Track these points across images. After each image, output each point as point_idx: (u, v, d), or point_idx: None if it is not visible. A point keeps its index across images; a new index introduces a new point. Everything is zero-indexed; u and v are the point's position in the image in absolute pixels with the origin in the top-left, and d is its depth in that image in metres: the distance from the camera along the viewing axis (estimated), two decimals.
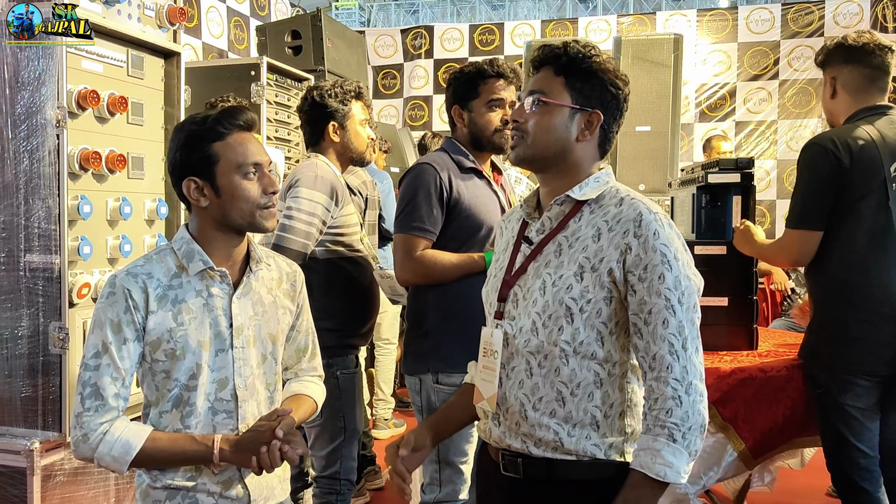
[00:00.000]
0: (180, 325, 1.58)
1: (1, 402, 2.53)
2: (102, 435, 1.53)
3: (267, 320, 1.70)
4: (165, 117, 3.00)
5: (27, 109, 2.47)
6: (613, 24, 7.64)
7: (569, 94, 1.51)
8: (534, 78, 1.57)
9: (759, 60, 7.50)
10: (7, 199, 2.49)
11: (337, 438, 2.68)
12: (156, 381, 1.61)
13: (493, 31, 8.03)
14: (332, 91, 2.82)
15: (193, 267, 1.61)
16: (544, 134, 1.51)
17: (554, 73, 1.53)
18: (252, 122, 1.66)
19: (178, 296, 1.60)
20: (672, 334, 1.40)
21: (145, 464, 1.57)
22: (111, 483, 2.72)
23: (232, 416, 1.63)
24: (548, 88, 1.52)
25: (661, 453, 1.37)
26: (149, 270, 1.61)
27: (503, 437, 1.53)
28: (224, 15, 5.78)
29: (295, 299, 1.80)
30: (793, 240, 2.40)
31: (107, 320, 1.56)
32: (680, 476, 1.38)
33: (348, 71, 5.31)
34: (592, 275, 1.44)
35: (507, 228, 1.69)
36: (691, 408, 1.39)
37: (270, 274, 1.75)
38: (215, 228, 1.64)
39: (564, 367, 1.45)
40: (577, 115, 1.51)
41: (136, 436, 1.54)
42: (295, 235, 2.56)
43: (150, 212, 2.91)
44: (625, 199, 1.49)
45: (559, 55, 1.52)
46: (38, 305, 2.49)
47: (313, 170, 2.68)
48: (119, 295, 1.57)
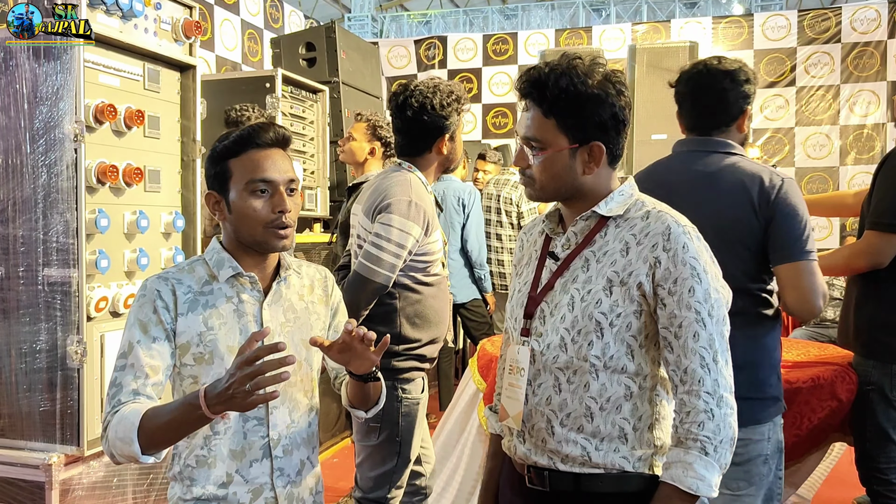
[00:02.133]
0: (210, 330, 1.57)
1: (20, 417, 2.54)
2: (111, 421, 1.48)
3: (300, 326, 1.68)
4: (181, 130, 3.02)
5: (45, 124, 2.48)
6: (628, 33, 7.63)
7: (564, 136, 1.46)
8: (525, 121, 1.50)
9: (776, 67, 7.45)
10: (26, 214, 2.50)
11: (389, 462, 2.53)
12: (183, 387, 1.59)
13: (507, 41, 8.03)
14: (447, 100, 2.49)
15: (223, 273, 1.60)
16: (551, 181, 1.50)
17: (543, 115, 1.46)
18: (278, 138, 1.61)
19: (208, 301, 1.59)
20: (703, 347, 1.39)
21: (152, 438, 1.46)
22: (129, 497, 2.72)
23: (262, 423, 1.60)
24: (541, 136, 1.47)
25: (693, 466, 1.36)
26: (179, 277, 1.61)
27: (529, 454, 1.50)
28: (238, 28, 5.81)
29: (328, 303, 1.77)
30: (879, 243, 2.41)
31: (136, 321, 1.56)
32: (711, 490, 1.37)
33: (362, 82, 5.32)
34: (621, 289, 1.43)
35: (528, 242, 1.67)
36: (722, 421, 1.38)
37: (301, 281, 1.73)
38: (238, 243, 1.63)
39: (594, 382, 1.44)
40: (578, 152, 1.48)
41: (136, 411, 1.46)
42: (381, 268, 2.37)
43: (167, 225, 2.92)
44: (651, 213, 1.48)
45: (543, 95, 1.45)
46: (56, 319, 2.49)
47: (407, 193, 2.41)
48: (149, 296, 1.56)
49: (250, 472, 1.60)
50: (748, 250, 2.02)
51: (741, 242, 2.01)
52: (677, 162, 2.17)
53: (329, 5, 18.81)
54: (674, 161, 2.19)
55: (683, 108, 2.20)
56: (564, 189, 1.50)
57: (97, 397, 2.53)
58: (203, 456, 1.58)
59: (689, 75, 2.17)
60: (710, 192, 2.04)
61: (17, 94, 2.49)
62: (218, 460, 1.58)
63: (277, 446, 1.62)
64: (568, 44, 7.74)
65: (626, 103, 1.47)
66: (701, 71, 2.15)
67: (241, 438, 1.59)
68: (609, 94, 1.44)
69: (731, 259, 1.91)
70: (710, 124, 2.13)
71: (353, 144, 3.57)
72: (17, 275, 2.51)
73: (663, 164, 2.22)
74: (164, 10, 2.89)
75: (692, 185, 2.06)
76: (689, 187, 2.05)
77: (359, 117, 3.64)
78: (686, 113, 2.19)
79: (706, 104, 2.13)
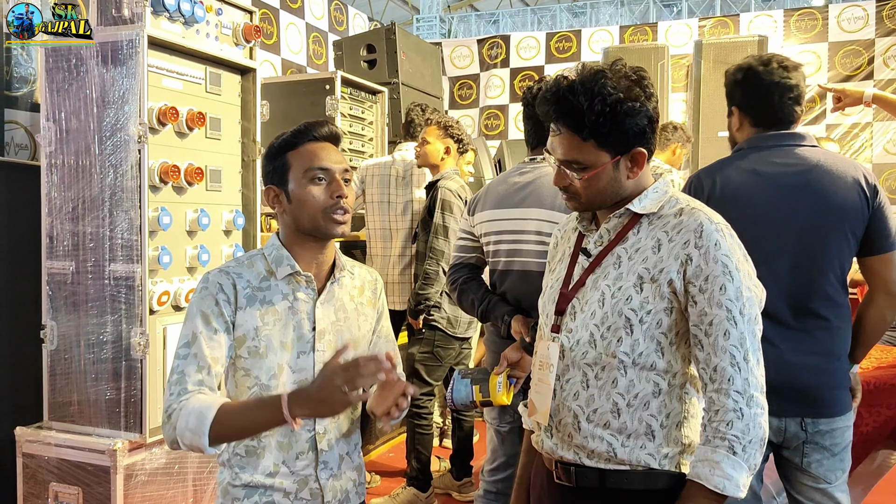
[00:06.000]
0: (265, 325, 1.64)
1: (88, 404, 2.68)
2: (179, 410, 1.54)
3: (349, 326, 1.74)
4: (242, 131, 3.12)
5: (112, 126, 2.61)
6: (694, 28, 7.44)
7: (605, 152, 1.44)
8: (561, 144, 1.46)
9: (852, 60, 7.15)
10: (94, 212, 2.64)
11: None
12: (236, 378, 1.67)
13: (570, 39, 7.95)
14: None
15: (281, 271, 1.67)
16: (597, 196, 1.49)
17: (582, 139, 1.43)
18: (331, 134, 1.70)
19: (265, 297, 1.66)
20: (734, 346, 1.37)
21: (223, 434, 1.54)
22: (189, 484, 2.83)
23: (310, 418, 1.66)
24: (582, 157, 1.45)
25: (721, 465, 1.34)
26: (239, 272, 1.67)
27: (555, 448, 1.52)
28: (303, 31, 5.94)
29: (375, 306, 1.83)
30: None
31: (198, 312, 1.63)
32: (739, 490, 1.34)
33: (422, 83, 5.37)
34: (652, 285, 1.42)
35: (562, 239, 1.67)
36: (752, 420, 1.36)
37: (353, 282, 1.78)
38: (296, 235, 1.69)
39: (622, 379, 1.43)
40: (620, 162, 1.47)
41: (209, 405, 1.53)
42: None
43: (228, 223, 3.02)
44: (685, 210, 1.46)
45: (581, 122, 1.41)
46: (121, 312, 2.62)
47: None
48: (211, 289, 1.63)
49: (296, 463, 1.65)
50: (855, 239, 2.02)
51: (853, 232, 2.01)
52: (774, 156, 2.10)
53: (398, 7, 19.04)
54: (769, 155, 2.11)
55: (762, 103, 2.14)
56: (610, 198, 1.50)
57: (159, 387, 2.65)
58: (253, 446, 1.64)
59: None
60: (826, 181, 2.02)
61: (87, 99, 2.63)
62: (266, 451, 1.64)
63: (323, 440, 1.67)
64: (632, 40, 7.62)
65: (655, 101, 1.46)
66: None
67: (288, 431, 1.64)
68: (641, 101, 1.42)
69: (846, 249, 2.00)
70: (791, 118, 2.13)
71: (428, 148, 3.66)
72: (86, 270, 2.65)
73: (752, 159, 2.12)
74: (225, 15, 2.99)
75: (805, 175, 2.04)
76: (803, 179, 2.03)
77: (428, 121, 3.74)
78: (764, 108, 2.14)
79: (792, 98, 2.11)
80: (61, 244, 2.69)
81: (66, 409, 2.71)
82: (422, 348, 3.63)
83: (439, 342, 3.61)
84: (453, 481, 3.86)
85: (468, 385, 1.93)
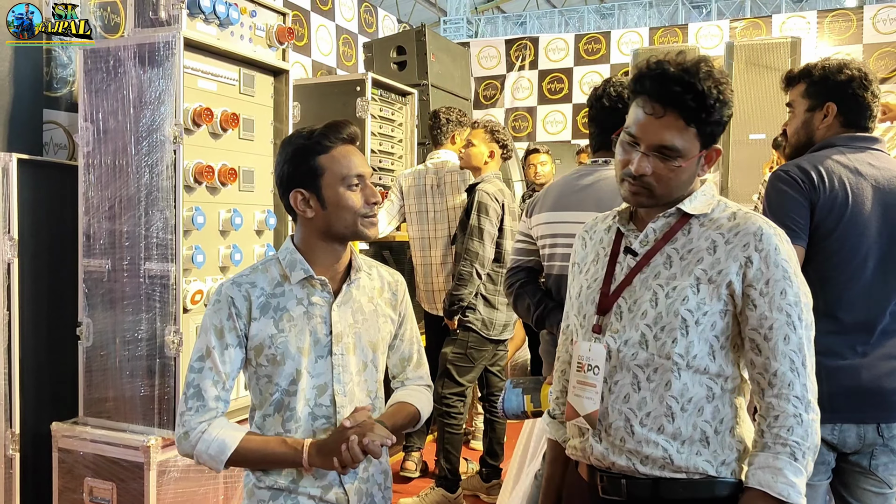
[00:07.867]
0: (281, 332, 1.65)
1: (123, 401, 2.72)
2: (201, 434, 1.61)
3: (367, 328, 1.73)
4: (275, 132, 3.15)
5: (148, 127, 2.65)
6: (725, 29, 7.37)
7: (699, 142, 1.42)
8: (659, 127, 1.41)
9: (888, 62, 7.03)
10: (130, 211, 2.67)
11: None
12: (259, 386, 1.68)
13: (599, 40, 7.91)
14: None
15: (295, 276, 1.68)
16: (675, 189, 1.45)
17: (685, 123, 1.39)
18: (355, 135, 1.71)
19: (279, 304, 1.67)
20: (793, 351, 1.37)
21: (240, 464, 1.65)
22: (220, 482, 2.86)
23: (331, 422, 1.67)
24: (681, 145, 1.40)
25: (784, 472, 1.32)
26: (253, 280, 1.69)
27: (606, 454, 1.45)
28: (333, 33, 5.98)
29: (397, 308, 1.83)
30: None
31: (211, 326, 1.65)
32: (800, 497, 1.32)
33: (451, 84, 5.38)
34: (709, 287, 1.40)
35: (592, 240, 1.63)
36: (810, 427, 1.35)
37: (372, 283, 1.78)
38: (319, 238, 1.69)
39: (676, 381, 1.40)
40: (702, 156, 1.45)
41: (232, 437, 1.61)
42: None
43: (260, 223, 3.05)
44: (738, 213, 1.46)
45: (700, 104, 1.36)
46: (156, 310, 2.65)
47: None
48: (223, 303, 1.65)
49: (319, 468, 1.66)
50: None
51: None
52: (866, 158, 2.11)
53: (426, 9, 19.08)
54: (862, 156, 2.11)
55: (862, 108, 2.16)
56: (679, 194, 1.46)
57: None
58: None
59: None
60: None
61: (125, 99, 2.67)
62: None
63: None
64: (662, 42, 7.56)
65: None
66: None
67: (310, 436, 1.66)
68: (731, 101, 1.42)
69: None
70: (871, 130, 2.15)
71: (473, 150, 3.70)
72: (122, 268, 2.69)
73: (837, 159, 2.10)
74: (259, 17, 3.02)
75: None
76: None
77: (475, 124, 3.80)
78: (863, 114, 2.16)
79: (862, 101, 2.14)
80: (98, 243, 2.73)
81: (102, 405, 2.75)
82: (455, 349, 3.66)
83: (473, 344, 3.63)
84: (482, 483, 3.85)
85: (520, 395, 1.91)
